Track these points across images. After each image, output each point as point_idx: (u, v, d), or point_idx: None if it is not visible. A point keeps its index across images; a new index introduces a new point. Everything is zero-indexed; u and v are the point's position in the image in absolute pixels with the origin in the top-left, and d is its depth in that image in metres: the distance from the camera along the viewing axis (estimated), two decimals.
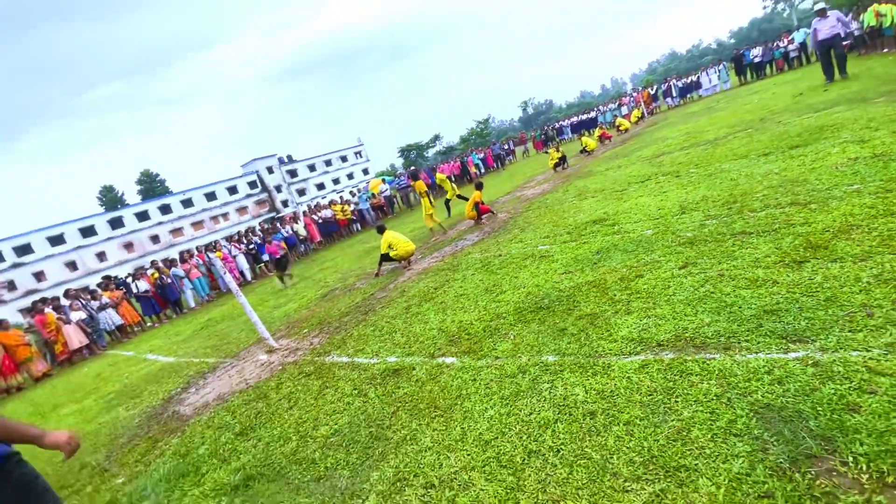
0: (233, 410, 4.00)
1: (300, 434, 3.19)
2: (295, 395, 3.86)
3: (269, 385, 4.31)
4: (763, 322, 2.55)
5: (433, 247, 8.80)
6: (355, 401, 3.37)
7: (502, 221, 8.80)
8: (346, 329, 5.29)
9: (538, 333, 3.38)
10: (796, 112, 8.82)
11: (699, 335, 2.64)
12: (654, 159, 9.38)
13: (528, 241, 6.31)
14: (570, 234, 5.84)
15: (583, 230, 5.84)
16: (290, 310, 7.65)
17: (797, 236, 3.44)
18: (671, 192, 6.16)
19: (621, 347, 2.80)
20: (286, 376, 4.39)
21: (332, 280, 9.21)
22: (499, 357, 3.24)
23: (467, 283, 5.36)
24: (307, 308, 7.32)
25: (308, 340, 5.40)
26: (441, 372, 3.33)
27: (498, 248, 6.55)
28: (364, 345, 4.49)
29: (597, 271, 4.21)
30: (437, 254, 7.93)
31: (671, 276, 3.54)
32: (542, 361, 2.96)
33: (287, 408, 3.67)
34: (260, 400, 4.03)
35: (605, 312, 3.33)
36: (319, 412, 3.40)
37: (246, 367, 5.22)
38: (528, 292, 4.29)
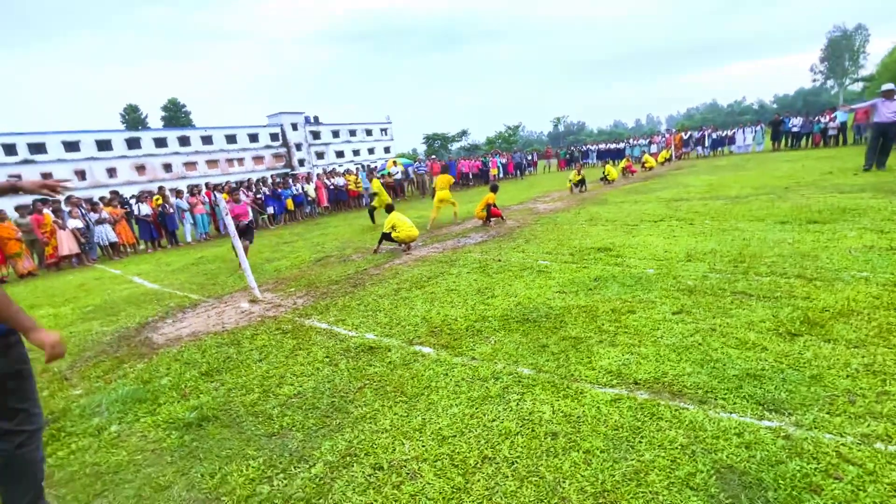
0: (204, 350, 3.98)
1: (263, 388, 3.17)
2: (267, 350, 3.84)
3: (245, 334, 4.29)
4: (744, 384, 2.51)
5: (436, 238, 8.75)
6: (325, 368, 3.34)
7: (509, 228, 8.76)
8: (332, 297, 5.26)
9: (519, 344, 3.35)
10: (822, 188, 8.75)
11: (678, 383, 2.60)
12: (672, 202, 9.32)
13: (530, 254, 6.27)
14: (573, 256, 5.80)
15: (586, 254, 5.80)
16: (281, 266, 7.63)
17: (796, 309, 3.40)
18: (681, 237, 6.11)
19: (598, 377, 2.76)
20: (263, 329, 4.37)
21: (330, 247, 9.18)
22: (475, 358, 3.22)
23: (461, 279, 5.33)
24: (299, 268, 7.29)
25: (292, 299, 5.38)
26: (415, 359, 3.31)
27: (499, 253, 6.51)
28: (346, 316, 4.47)
29: (591, 297, 4.18)
30: (439, 245, 7.89)
31: (663, 318, 3.51)
32: (517, 372, 2.93)
33: (257, 359, 3.65)
34: (232, 346, 4.01)
35: (589, 339, 3.29)
36: (287, 371, 3.37)
37: (226, 312, 5.20)
38: (519, 302, 4.26)
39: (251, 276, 5.60)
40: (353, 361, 3.41)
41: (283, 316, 4.75)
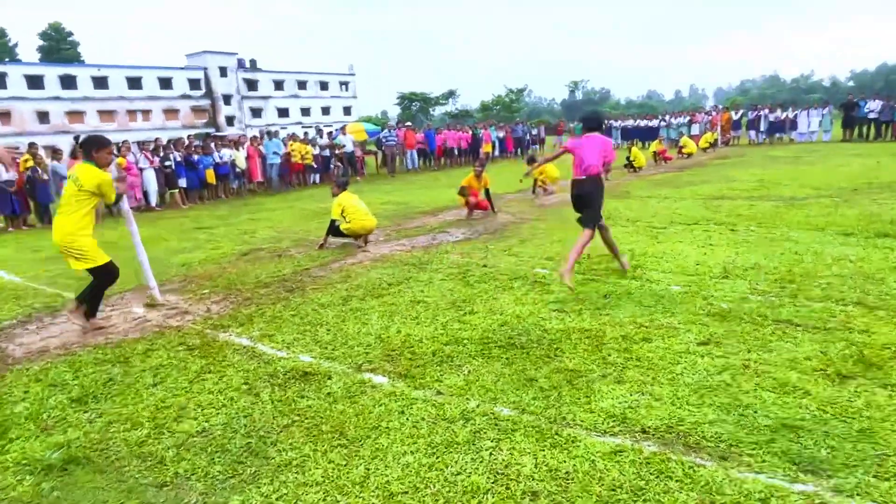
0: (77, 368, 3.92)
1: (156, 422, 3.15)
2: (165, 371, 3.80)
3: (136, 349, 4.24)
4: (777, 437, 2.63)
5: (404, 231, 8.80)
6: (241, 398, 3.34)
7: (501, 224, 8.86)
8: (258, 304, 5.25)
9: (500, 376, 3.41)
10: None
11: (696, 432, 2.70)
12: (712, 201, 9.59)
13: (525, 258, 6.36)
14: (580, 264, 5.92)
15: (596, 263, 5.93)
16: (193, 259, 7.54)
17: (850, 344, 3.57)
18: (719, 247, 6.31)
19: (597, 421, 2.85)
20: (161, 343, 4.33)
21: (262, 237, 9.11)
22: (442, 392, 3.26)
23: (432, 288, 5.38)
24: (217, 264, 7.22)
25: (205, 305, 5.35)
26: (363, 391, 3.33)
27: (484, 256, 6.59)
28: (276, 330, 4.47)
29: (597, 319, 4.28)
30: (406, 241, 7.93)
31: (686, 350, 3.63)
32: (494, 413, 2.99)
33: (150, 384, 3.62)
34: (118, 364, 3.96)
35: (590, 372, 3.38)
36: (190, 400, 3.36)
37: (112, 318, 5.13)
38: (504, 322, 4.33)
39: (150, 272, 5.53)
40: (279, 391, 3.41)
41: (190, 327, 4.71)
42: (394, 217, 10.26)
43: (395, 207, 11.68)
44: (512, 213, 9.99)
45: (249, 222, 10.91)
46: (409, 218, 10.16)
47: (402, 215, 10.53)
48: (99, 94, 50.85)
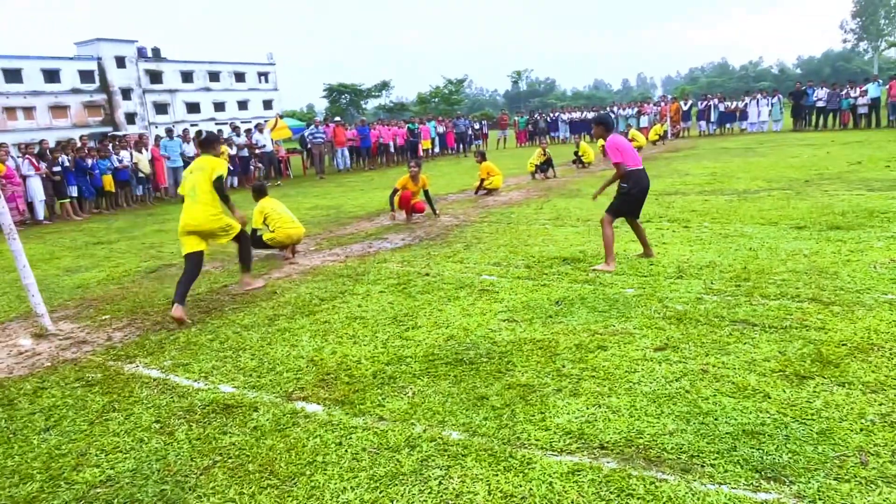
0: None
1: (50, 473, 2.97)
2: (60, 412, 3.59)
3: (23, 388, 3.99)
4: (739, 444, 2.76)
5: (335, 240, 8.70)
6: (153, 439, 3.20)
7: (444, 228, 8.92)
8: (170, 328, 5.07)
9: (448, 396, 3.42)
10: (849, 183, 9.85)
11: (656, 445, 2.80)
12: (664, 197, 10.01)
13: (471, 265, 6.43)
14: (530, 269, 6.04)
15: (547, 267, 6.06)
16: (91, 280, 7.17)
17: (808, 343, 3.80)
18: (672, 245, 6.59)
19: (552, 440, 2.90)
20: (54, 380, 4.10)
21: (171, 251, 8.77)
22: (384, 419, 3.24)
23: (370, 302, 5.35)
24: (119, 284, 6.90)
25: (106, 332, 5.12)
26: (295, 422, 3.27)
27: (426, 264, 6.61)
28: (191, 358, 4.31)
29: (550, 328, 4.37)
30: (340, 250, 7.85)
31: (642, 357, 3.76)
32: (443, 437, 2.99)
33: (41, 428, 3.41)
34: (0, 408, 3.70)
35: (544, 387, 3.45)
36: (91, 445, 3.18)
37: None
38: (451, 335, 4.36)
39: (37, 296, 5.21)
40: (198, 428, 3.29)
41: (89, 359, 4.49)
42: (324, 223, 10.13)
43: (326, 213, 11.54)
44: (455, 214, 10.07)
45: (156, 234, 10.48)
46: (342, 224, 10.07)
47: (333, 221, 10.41)
48: None
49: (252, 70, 67.47)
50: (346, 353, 4.21)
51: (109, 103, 55.08)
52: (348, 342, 4.42)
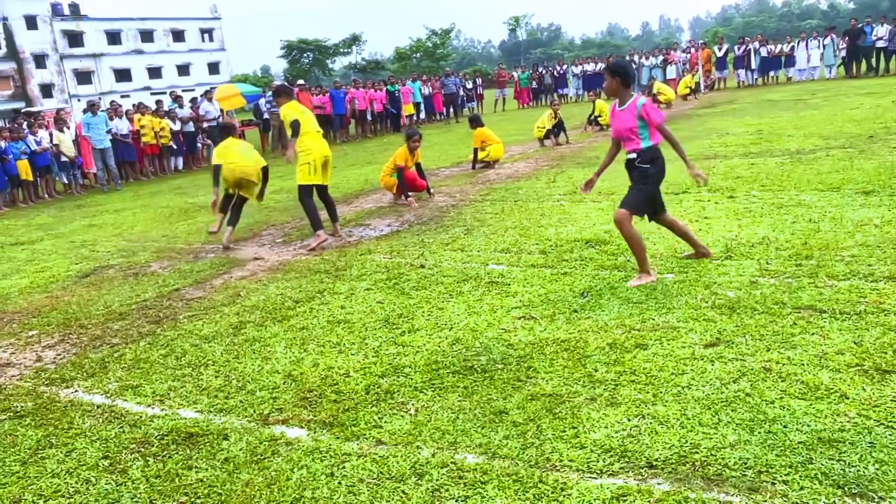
0: None
1: None
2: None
3: None
4: (815, 455, 2.76)
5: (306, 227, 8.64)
6: (102, 479, 3.16)
7: (438, 210, 8.88)
8: (113, 344, 5.00)
9: (458, 412, 3.40)
10: None
11: (715, 460, 2.80)
12: (701, 163, 10.00)
13: (474, 253, 6.40)
14: (546, 255, 6.01)
15: (566, 252, 6.04)
16: (11, 288, 7.10)
17: (888, 330, 3.80)
18: (716, 219, 6.58)
19: (590, 460, 2.89)
20: None
21: (107, 249, 8.68)
22: (383, 442, 3.22)
23: (355, 302, 5.32)
24: (47, 291, 6.83)
25: (34, 352, 5.06)
26: (275, 451, 3.24)
27: (420, 254, 6.58)
28: (142, 379, 4.27)
29: (575, 325, 4.35)
30: (313, 241, 7.80)
31: (691, 355, 3.75)
32: (456, 462, 2.97)
33: None
34: None
35: (574, 396, 3.43)
36: (27, 490, 3.14)
37: None
38: (456, 339, 4.33)
39: None
40: (156, 463, 3.26)
41: (16, 384, 4.43)
42: (292, 209, 10.08)
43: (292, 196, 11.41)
44: (450, 193, 10.03)
45: (88, 230, 10.38)
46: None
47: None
48: None
49: (193, 27, 66.88)
50: (330, 364, 4.18)
51: (20, 73, 54.48)
52: (332, 352, 4.39)
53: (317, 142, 7.67)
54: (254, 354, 4.48)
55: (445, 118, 27.95)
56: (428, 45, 71.70)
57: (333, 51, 75.19)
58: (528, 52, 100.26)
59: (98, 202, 14.04)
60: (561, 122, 14.81)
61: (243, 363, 4.35)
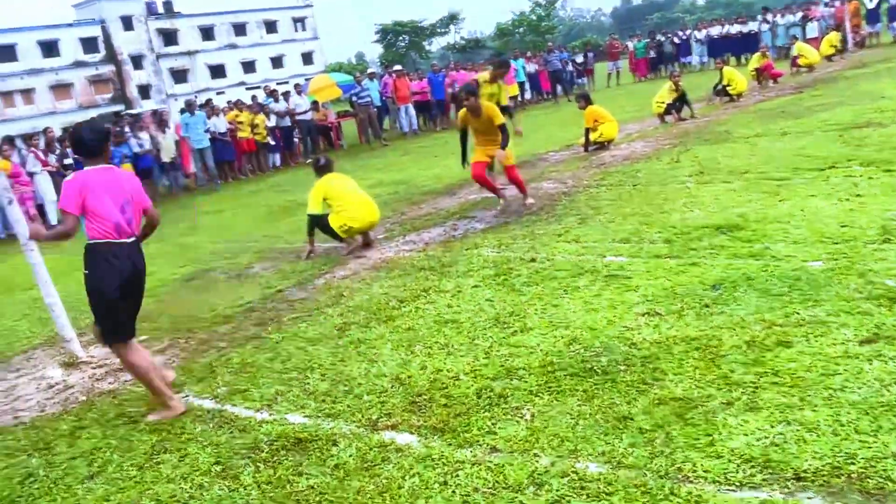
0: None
1: None
2: (103, 456, 3.85)
3: (59, 428, 4.30)
4: None
5: (409, 222, 8.81)
6: (215, 485, 3.37)
7: (548, 197, 8.83)
8: (220, 348, 5.28)
9: (578, 418, 3.39)
10: None
11: (875, 472, 2.66)
12: (851, 132, 9.46)
13: (590, 244, 6.34)
14: (671, 245, 5.88)
15: (694, 240, 5.88)
16: None
17: None
18: (871, 197, 6.21)
19: (728, 470, 2.82)
20: (92, 417, 4.39)
21: (210, 251, 9.18)
22: (498, 449, 3.26)
23: (463, 300, 5.38)
24: (154, 295, 7.27)
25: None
26: (385, 458, 3.34)
27: (531, 247, 6.58)
28: (250, 384, 4.50)
29: (707, 321, 4.24)
30: (416, 237, 7.97)
31: (843, 353, 3.57)
32: (578, 472, 2.97)
33: (84, 476, 3.67)
34: (37, 452, 4.02)
35: (708, 400, 3.35)
36: (144, 495, 3.40)
37: (20, 386, 5.21)
38: (573, 338, 4.31)
39: (64, 318, 5.60)
40: (266, 469, 3.43)
41: (130, 390, 4.76)
42: (392, 204, 10.29)
43: (392, 190, 11.73)
44: (560, 179, 9.95)
45: (190, 233, 11.01)
46: (415, 203, 10.20)
47: (403, 200, 10.57)
48: None
49: (285, 17, 69.38)
50: (439, 367, 4.25)
51: (118, 75, 58.32)
52: (440, 353, 4.46)
53: (365, 209, 7.63)
54: (359, 357, 4.63)
55: (553, 97, 27.63)
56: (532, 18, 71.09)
57: (430, 31, 75.99)
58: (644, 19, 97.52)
59: (198, 203, 14.86)
60: (683, 94, 14.35)
61: (349, 366, 4.51)
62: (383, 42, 74.85)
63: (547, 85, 27.72)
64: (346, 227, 7.53)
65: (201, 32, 63.41)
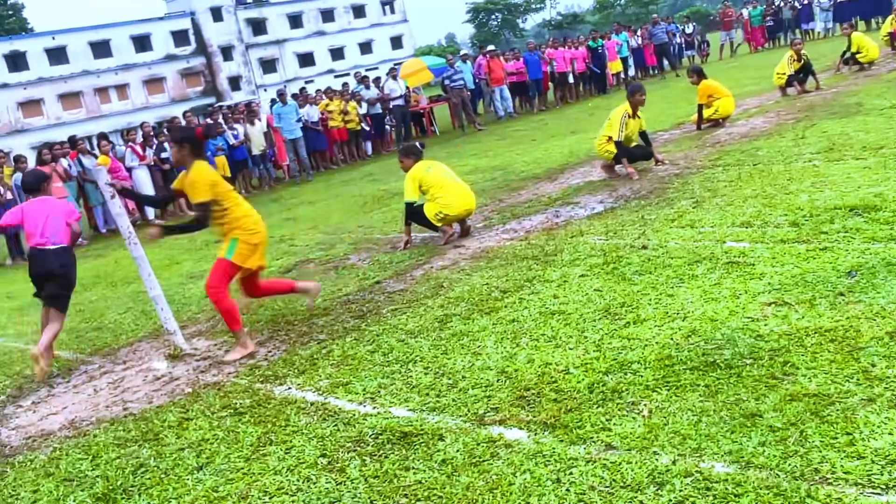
0: (95, 453, 4.24)
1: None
2: (211, 447, 4.03)
3: (166, 419, 4.53)
4: None
5: (508, 209, 8.81)
6: (322, 478, 3.48)
7: (659, 179, 8.67)
8: (320, 340, 5.43)
9: (701, 414, 3.33)
10: None
11: None
12: None
13: (707, 229, 6.20)
14: (798, 228, 5.68)
15: (825, 223, 5.66)
16: None
17: None
18: None
19: (871, 472, 2.71)
20: (199, 408, 4.60)
21: (306, 243, 9.45)
22: (613, 447, 3.23)
23: (569, 291, 5.35)
24: None
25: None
26: (494, 454, 3.36)
27: (641, 233, 6.48)
28: (352, 376, 4.61)
29: (842, 311, 4.08)
30: (516, 225, 7.97)
31: None
32: (702, 471, 2.92)
33: (194, 467, 3.85)
34: (146, 443, 4.24)
35: (847, 396, 3.22)
36: (253, 486, 3.54)
37: (127, 379, 5.51)
38: (693, 330, 4.23)
39: (167, 311, 5.89)
40: (373, 462, 3.52)
41: (234, 382, 4.97)
42: (490, 191, 10.32)
43: (490, 176, 11.75)
44: (672, 160, 9.73)
45: (286, 224, 11.36)
46: (513, 189, 10.19)
47: (501, 187, 10.57)
48: (57, 71, 54.93)
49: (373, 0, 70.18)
50: (547, 360, 4.25)
51: (209, 67, 60.64)
52: (547, 346, 4.46)
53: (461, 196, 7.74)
54: (462, 349, 4.68)
55: (660, 72, 27.01)
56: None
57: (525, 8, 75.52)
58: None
59: (292, 194, 15.32)
60: (807, 64, 13.79)
61: (452, 359, 4.56)
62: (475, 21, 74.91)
63: (652, 60, 27.13)
64: (441, 214, 7.61)
65: (289, 20, 65.11)
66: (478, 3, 74.22)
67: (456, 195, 7.67)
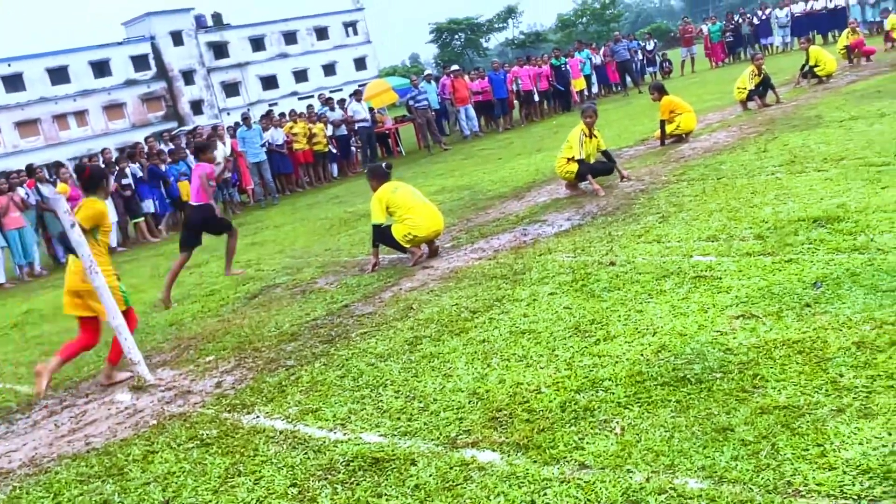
0: (57, 490, 4.14)
1: None
2: (177, 480, 3.95)
3: (131, 453, 4.44)
4: None
5: (476, 228, 8.83)
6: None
7: (625, 195, 8.74)
8: (288, 366, 5.38)
9: (673, 430, 3.34)
10: None
11: None
12: None
13: (674, 243, 6.25)
14: (763, 241, 5.76)
15: (789, 234, 5.75)
16: (184, 314, 7.85)
17: None
18: None
19: (843, 483, 2.73)
20: (164, 441, 4.51)
21: (273, 267, 9.37)
22: (587, 466, 3.23)
23: (539, 309, 5.36)
24: (218, 315, 7.49)
25: (213, 377, 5.55)
26: (467, 477, 3.34)
27: (609, 249, 6.52)
28: (321, 402, 4.57)
29: (809, 322, 4.13)
30: (485, 244, 7.98)
31: None
32: (676, 488, 2.92)
33: (160, 501, 3.78)
34: (110, 478, 4.15)
35: (817, 407, 3.26)
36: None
37: (90, 412, 5.40)
38: (662, 345, 4.25)
39: (130, 341, 5.79)
40: (344, 491, 3.48)
41: (200, 412, 4.89)
42: (457, 211, 10.35)
43: (457, 196, 11.78)
44: (637, 176, 9.83)
45: (251, 249, 11.27)
46: (481, 208, 10.23)
47: (468, 206, 10.60)
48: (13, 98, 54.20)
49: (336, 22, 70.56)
50: (518, 380, 4.24)
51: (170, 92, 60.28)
52: (518, 366, 4.45)
53: (429, 217, 7.69)
54: (433, 372, 4.66)
55: (622, 89, 27.38)
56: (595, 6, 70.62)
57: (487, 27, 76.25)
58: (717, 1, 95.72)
59: (257, 218, 15.22)
60: (767, 78, 14.07)
61: (423, 381, 4.54)
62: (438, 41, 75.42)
63: (615, 77, 27.53)
64: (410, 236, 7.60)
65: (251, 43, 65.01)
66: (441, 23, 74.77)
67: (424, 216, 7.67)
